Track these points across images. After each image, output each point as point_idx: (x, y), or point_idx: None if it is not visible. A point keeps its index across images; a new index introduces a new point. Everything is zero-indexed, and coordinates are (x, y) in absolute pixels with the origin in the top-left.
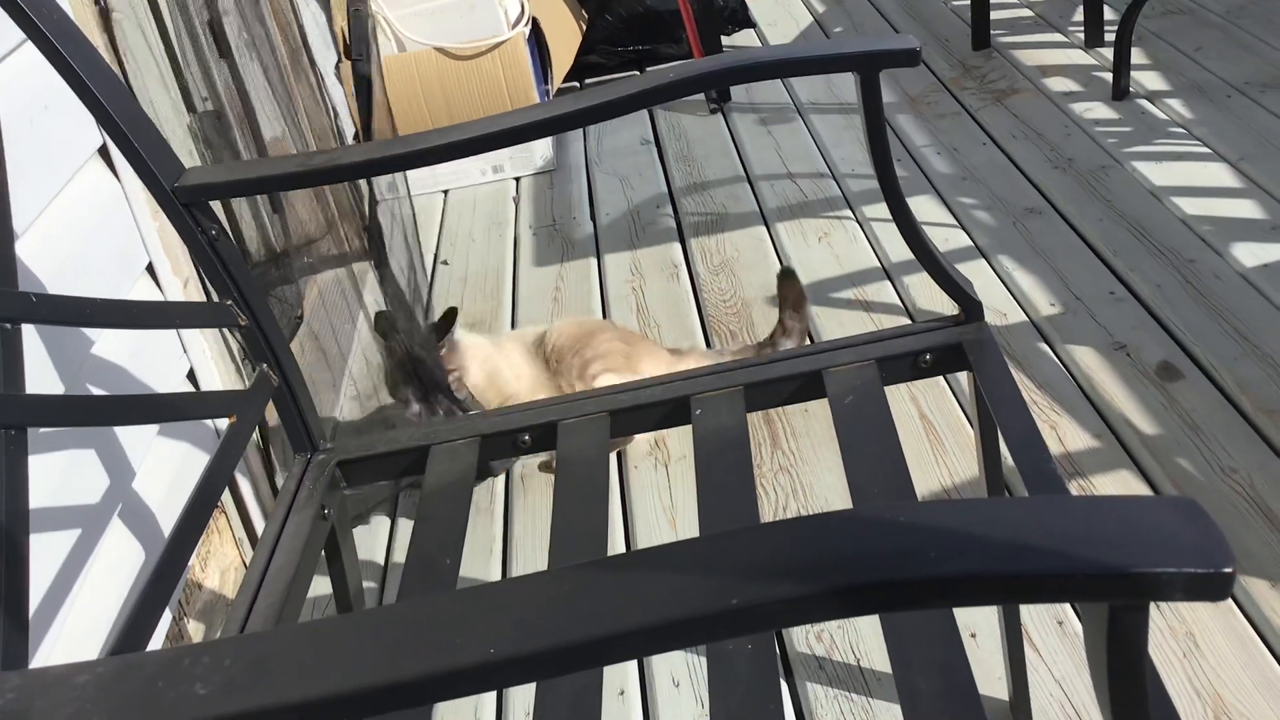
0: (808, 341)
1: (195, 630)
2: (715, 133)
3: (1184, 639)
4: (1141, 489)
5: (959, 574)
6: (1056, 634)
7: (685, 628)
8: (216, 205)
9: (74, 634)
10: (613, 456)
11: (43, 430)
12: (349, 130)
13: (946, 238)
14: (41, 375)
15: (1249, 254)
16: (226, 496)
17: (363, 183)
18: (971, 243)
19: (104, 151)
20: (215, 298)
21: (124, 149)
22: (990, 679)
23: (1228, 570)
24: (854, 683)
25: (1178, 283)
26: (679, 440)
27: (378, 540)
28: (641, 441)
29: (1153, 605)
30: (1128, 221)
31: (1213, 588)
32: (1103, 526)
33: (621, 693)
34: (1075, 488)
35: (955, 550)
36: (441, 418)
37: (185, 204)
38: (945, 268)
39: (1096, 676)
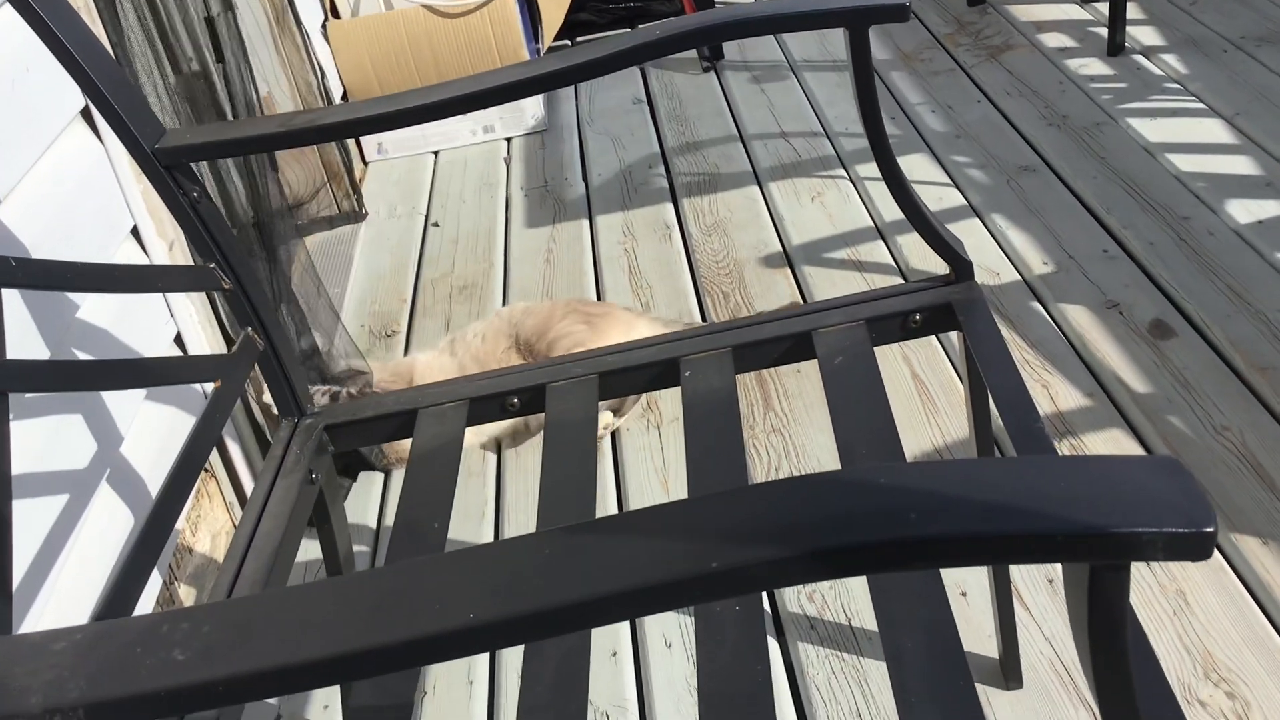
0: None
1: (186, 594)
2: (708, 91)
3: (1174, 596)
4: (1133, 447)
5: (939, 535)
6: (1047, 592)
7: (665, 591)
8: (204, 167)
9: (63, 600)
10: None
11: (28, 396)
12: (336, 89)
13: (940, 196)
14: (26, 340)
15: (1243, 210)
16: (216, 461)
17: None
18: (965, 201)
19: (86, 113)
20: (200, 261)
21: (104, 111)
22: (980, 637)
23: (1209, 530)
24: (845, 642)
25: (1171, 240)
26: (672, 402)
27: (370, 502)
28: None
29: (1143, 563)
30: (1122, 179)
31: (1193, 547)
32: (1084, 487)
33: (614, 654)
34: (1066, 447)
35: (936, 512)
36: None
37: (166, 166)
38: (935, 227)
39: (1078, 636)
